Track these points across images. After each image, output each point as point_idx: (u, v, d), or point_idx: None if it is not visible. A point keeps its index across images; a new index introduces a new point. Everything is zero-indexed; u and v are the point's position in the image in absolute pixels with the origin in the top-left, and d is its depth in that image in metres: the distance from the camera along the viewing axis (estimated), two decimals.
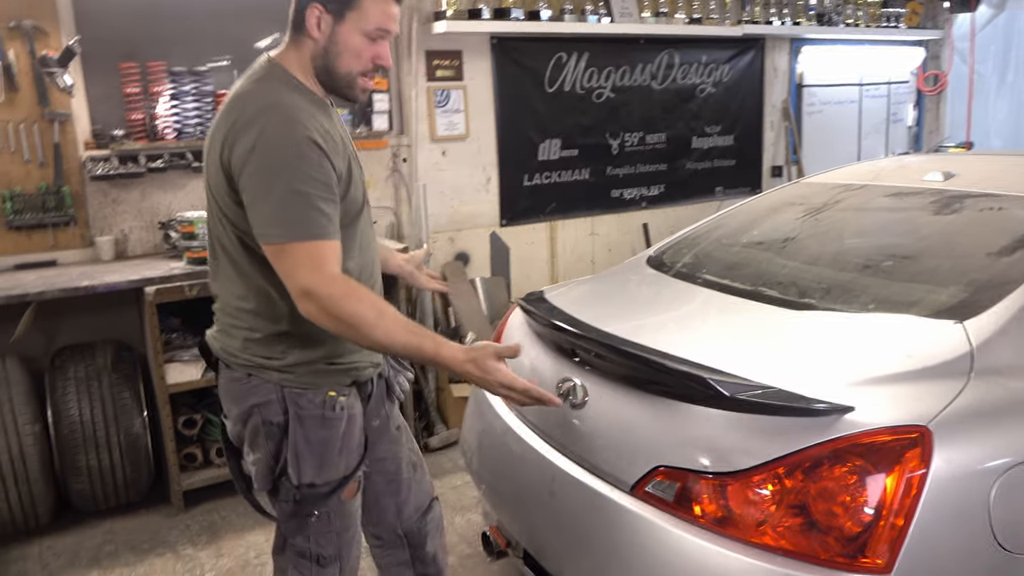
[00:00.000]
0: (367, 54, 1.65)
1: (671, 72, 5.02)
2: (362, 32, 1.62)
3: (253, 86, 1.63)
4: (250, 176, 1.53)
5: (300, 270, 1.52)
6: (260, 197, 1.53)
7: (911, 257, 2.22)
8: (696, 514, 1.67)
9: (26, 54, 3.26)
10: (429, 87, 4.22)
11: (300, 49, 1.65)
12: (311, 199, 1.52)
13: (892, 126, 6.30)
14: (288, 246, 1.52)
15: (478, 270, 4.54)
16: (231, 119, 1.57)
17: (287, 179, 1.51)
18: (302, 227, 1.52)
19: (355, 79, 1.67)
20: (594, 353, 2.00)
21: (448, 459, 3.79)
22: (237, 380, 1.73)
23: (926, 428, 1.54)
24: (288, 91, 1.61)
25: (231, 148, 1.55)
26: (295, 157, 1.52)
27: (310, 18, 1.62)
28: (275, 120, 1.53)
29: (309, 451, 1.73)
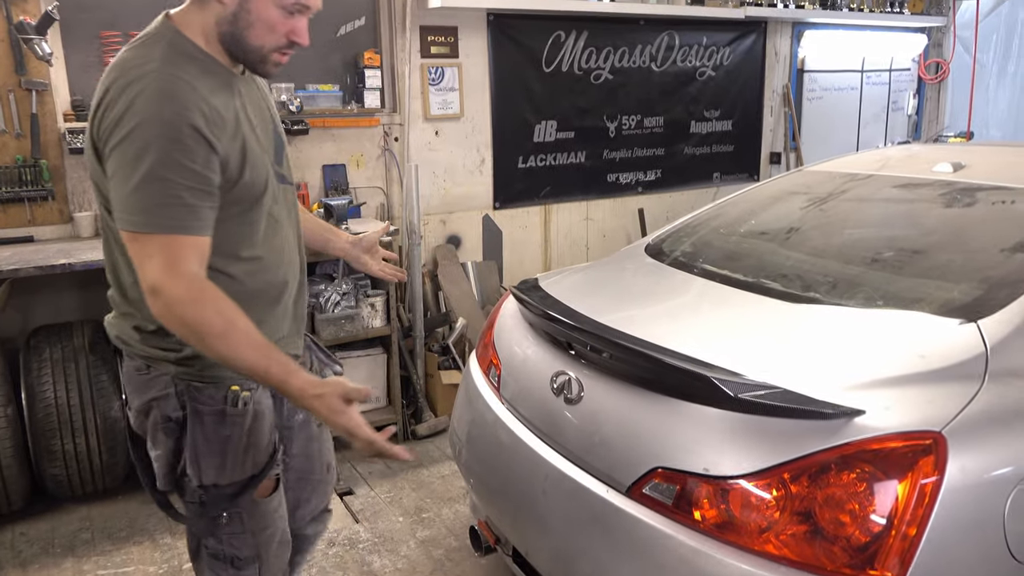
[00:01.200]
0: (282, 28, 1.48)
1: (671, 54, 4.91)
2: (278, 4, 1.45)
3: (136, 50, 1.44)
4: (113, 151, 1.37)
5: (150, 264, 1.37)
6: (121, 178, 1.37)
7: (921, 251, 2.14)
8: (696, 519, 1.60)
9: (2, 19, 3.12)
10: (423, 64, 4.09)
11: (204, 10, 1.46)
12: (175, 187, 1.36)
13: (892, 114, 6.21)
14: (142, 236, 1.37)
15: (470, 254, 4.44)
16: (104, 87, 1.41)
17: (151, 161, 1.34)
18: (159, 217, 1.36)
19: (268, 54, 1.50)
20: (590, 346, 1.91)
21: (436, 447, 3.71)
22: (136, 370, 1.60)
23: (940, 434, 1.47)
24: (175, 57, 1.42)
25: (100, 119, 1.40)
26: (164, 138, 1.35)
27: None
28: (149, 92, 1.36)
29: (208, 450, 1.59)
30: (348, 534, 2.99)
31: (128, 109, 1.36)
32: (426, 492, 3.30)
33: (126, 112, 1.36)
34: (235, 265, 1.57)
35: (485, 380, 2.40)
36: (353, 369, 3.70)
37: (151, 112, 1.36)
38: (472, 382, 2.44)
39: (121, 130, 1.36)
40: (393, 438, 1.62)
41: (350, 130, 3.97)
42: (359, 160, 4.03)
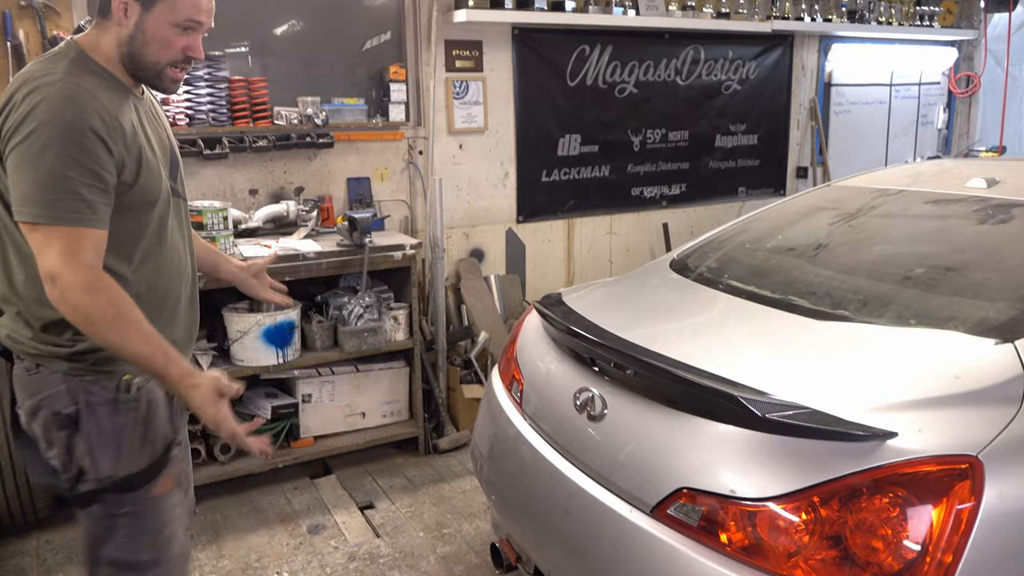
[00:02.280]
0: (177, 45, 1.60)
1: (696, 68, 4.88)
2: (171, 23, 1.57)
3: (41, 64, 1.56)
4: (16, 149, 1.46)
5: (48, 252, 1.46)
6: (23, 173, 1.46)
7: (954, 269, 2.09)
8: (722, 541, 1.56)
9: (36, 33, 3.18)
10: (448, 78, 4.11)
11: (105, 34, 1.60)
12: (73, 183, 1.46)
13: (921, 128, 6.12)
14: (42, 227, 1.47)
15: (493, 268, 4.43)
16: (9, 93, 1.52)
17: (52, 158, 1.45)
18: (59, 210, 1.46)
19: (163, 70, 1.62)
20: (614, 363, 1.89)
21: (457, 462, 3.69)
22: (26, 371, 1.63)
23: (976, 458, 1.42)
24: (77, 70, 1.54)
25: (3, 122, 1.49)
26: (65, 139, 1.46)
27: (116, 4, 1.56)
28: (52, 97, 1.47)
29: (102, 441, 1.61)
30: (369, 548, 2.97)
31: (31, 111, 1.46)
32: (447, 507, 3.27)
33: (29, 114, 1.46)
34: (125, 266, 1.64)
35: (507, 395, 2.38)
36: (375, 382, 3.70)
37: (53, 114, 1.46)
38: (494, 397, 2.43)
39: (24, 130, 1.46)
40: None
41: (375, 143, 3.99)
42: (383, 173, 4.05)
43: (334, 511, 3.23)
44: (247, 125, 3.62)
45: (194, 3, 1.59)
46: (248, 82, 3.62)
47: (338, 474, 3.56)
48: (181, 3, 1.57)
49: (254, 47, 3.71)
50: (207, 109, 3.56)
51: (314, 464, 3.60)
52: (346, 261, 3.43)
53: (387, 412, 3.76)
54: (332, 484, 3.47)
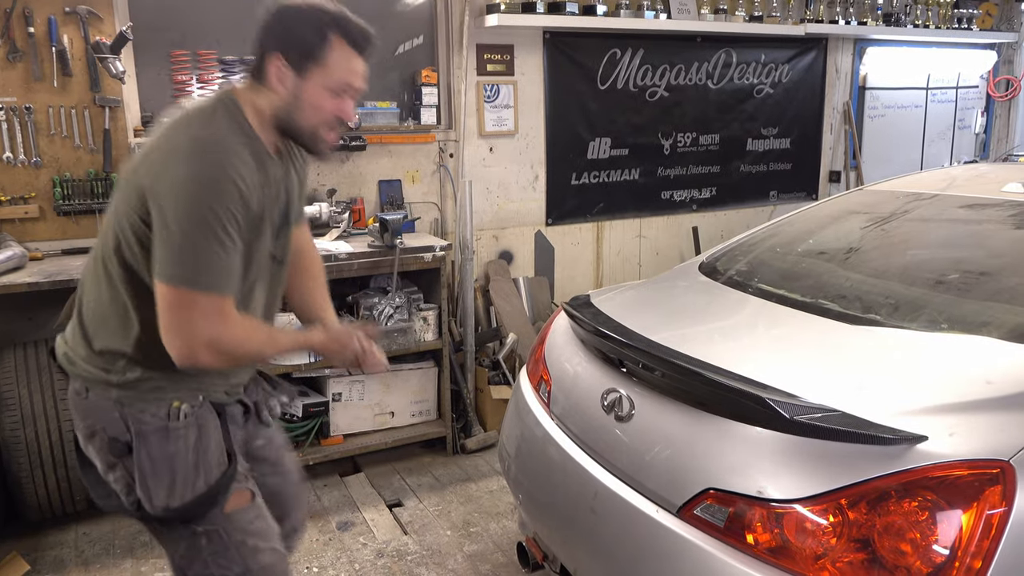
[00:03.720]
0: (330, 109, 1.58)
1: (728, 71, 4.86)
2: (326, 88, 1.56)
3: (200, 116, 1.55)
4: (168, 210, 1.45)
5: (205, 322, 1.48)
6: (177, 235, 1.45)
7: (989, 274, 2.07)
8: (748, 542, 1.56)
9: (80, 39, 3.27)
10: (479, 81, 4.14)
11: (258, 96, 1.59)
12: (225, 247, 1.47)
13: (958, 132, 6.03)
14: (190, 292, 1.46)
15: (521, 270, 4.45)
16: (164, 140, 1.52)
17: (207, 224, 1.44)
18: (211, 276, 1.47)
19: (318, 133, 1.61)
20: (643, 364, 1.90)
21: (484, 462, 3.71)
22: (77, 394, 1.65)
23: (1007, 463, 1.41)
24: (231, 130, 1.54)
25: (156, 173, 1.48)
26: (221, 205, 1.45)
27: (271, 70, 1.55)
28: (208, 159, 1.47)
29: (155, 470, 1.61)
30: (397, 545, 3.01)
31: (187, 170, 1.45)
32: (474, 506, 3.30)
33: (185, 174, 1.45)
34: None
35: (535, 395, 2.40)
36: (404, 382, 3.74)
37: (209, 178, 1.46)
38: (522, 397, 2.44)
39: (177, 190, 1.45)
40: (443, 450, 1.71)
41: (406, 146, 4.04)
42: (415, 176, 4.09)
43: (363, 508, 3.27)
44: None
45: (348, 68, 1.57)
46: None
47: (367, 472, 3.60)
48: (335, 69, 1.55)
49: None
50: None
51: (343, 462, 3.65)
52: (377, 262, 3.47)
53: (416, 412, 3.79)
54: (361, 482, 3.51)
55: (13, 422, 2.91)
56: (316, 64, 1.54)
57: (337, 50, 1.55)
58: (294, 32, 1.54)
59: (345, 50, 1.56)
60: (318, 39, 1.54)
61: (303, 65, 1.54)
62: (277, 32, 1.56)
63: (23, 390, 2.95)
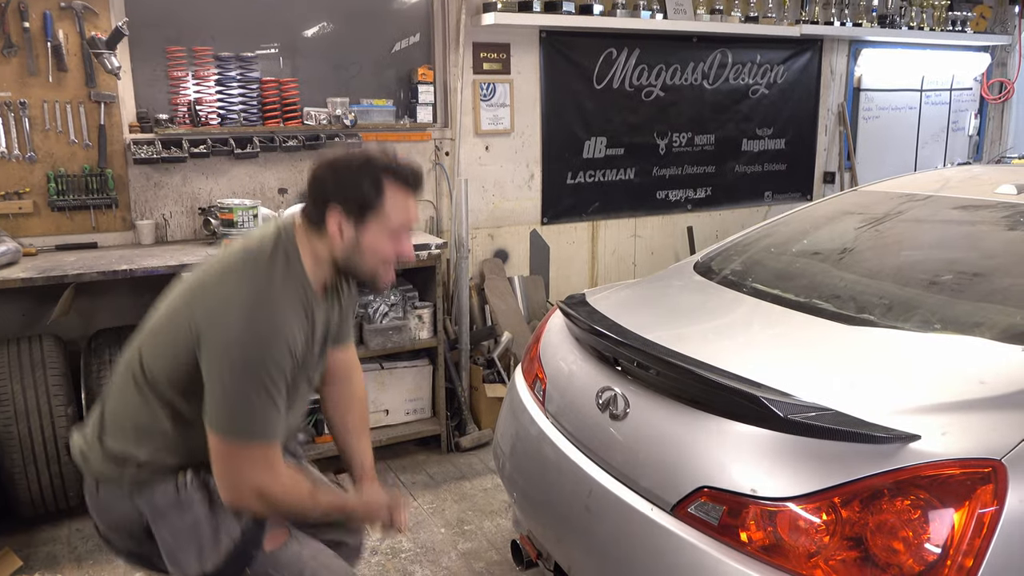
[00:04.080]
0: (391, 251, 1.65)
1: (723, 72, 4.87)
2: (385, 232, 1.62)
3: (259, 262, 1.59)
4: (223, 365, 1.51)
5: (253, 471, 1.55)
6: (231, 389, 1.51)
7: (982, 274, 2.08)
8: (742, 540, 1.57)
9: (75, 34, 3.26)
10: (475, 80, 4.14)
11: (318, 240, 1.63)
12: (274, 399, 1.53)
13: (952, 134, 6.05)
14: (240, 443, 1.54)
15: (516, 268, 4.46)
16: (224, 286, 1.57)
17: (260, 381, 1.50)
18: (259, 426, 1.53)
19: (378, 272, 1.68)
20: (638, 363, 1.90)
21: (479, 460, 3.72)
22: (89, 492, 1.71)
23: (999, 463, 1.42)
24: (285, 285, 1.58)
25: (211, 322, 1.53)
26: (274, 363, 1.51)
27: (331, 221, 1.60)
28: (262, 317, 1.52)
29: (178, 543, 1.66)
30: (391, 543, 3.01)
31: (249, 330, 1.50)
32: (468, 504, 3.30)
33: (236, 331, 1.50)
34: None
35: (530, 394, 2.40)
36: (399, 380, 3.74)
37: (259, 335, 1.51)
38: (517, 395, 2.45)
39: (240, 349, 1.50)
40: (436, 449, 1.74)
41: (402, 144, 4.04)
42: None
43: None
44: (277, 125, 3.68)
45: (404, 209, 1.63)
46: (279, 83, 3.69)
47: None
48: (393, 214, 1.61)
49: (285, 48, 3.77)
50: (239, 109, 3.63)
51: (338, 459, 3.63)
52: None
53: (410, 410, 3.80)
54: None
55: (6, 418, 2.90)
56: (374, 213, 1.60)
57: (392, 196, 1.60)
58: (351, 185, 1.59)
59: (399, 194, 1.62)
60: (374, 190, 1.59)
61: (362, 215, 1.59)
62: (334, 185, 1.59)
63: (16, 386, 2.94)
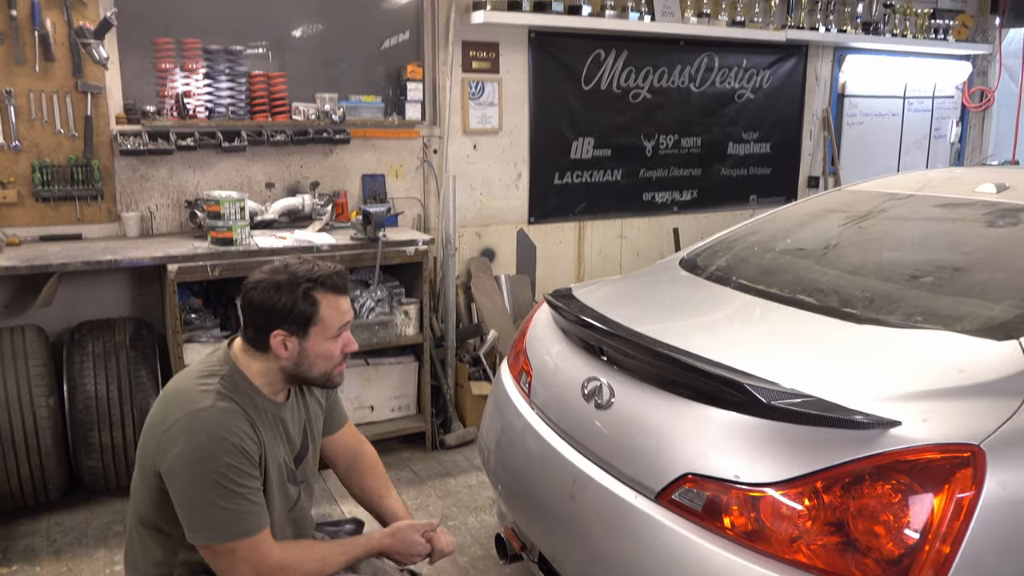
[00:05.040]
0: (336, 351, 1.74)
1: (710, 75, 4.91)
2: (327, 338, 1.71)
3: (191, 384, 1.67)
4: (180, 484, 1.60)
5: (244, 567, 1.61)
6: (194, 502, 1.59)
7: (962, 269, 2.11)
8: (725, 526, 1.58)
9: (63, 24, 3.24)
10: (464, 78, 4.15)
11: (261, 362, 1.72)
12: (242, 501, 1.60)
13: (934, 141, 6.13)
14: (230, 545, 1.60)
15: (503, 267, 4.47)
16: (166, 417, 1.63)
17: (217, 484, 1.58)
18: (238, 527, 1.60)
19: (331, 373, 1.77)
20: (623, 352, 1.92)
21: (463, 457, 3.72)
22: None
23: (978, 447, 1.44)
24: (227, 394, 1.65)
25: (163, 449, 1.61)
26: (223, 464, 1.58)
27: (275, 343, 1.68)
28: (204, 426, 1.60)
29: None
30: None
31: (191, 443, 1.58)
32: (452, 500, 3.30)
33: (187, 446, 1.58)
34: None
35: (516, 387, 2.41)
36: (384, 376, 3.73)
37: (207, 449, 1.59)
38: (503, 388, 2.46)
39: (188, 463, 1.59)
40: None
41: (390, 141, 4.04)
42: (398, 171, 4.09)
43: (341, 502, 3.26)
44: (265, 119, 3.67)
45: (338, 311, 1.72)
46: (268, 77, 3.68)
47: None
48: (329, 319, 1.70)
49: (274, 43, 3.76)
50: (227, 103, 3.62)
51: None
52: (359, 254, 3.47)
53: (395, 406, 3.79)
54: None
55: None
56: (313, 324, 1.69)
57: (326, 303, 1.70)
58: (284, 307, 1.67)
59: (331, 299, 1.71)
60: (309, 306, 1.68)
61: (304, 329, 1.69)
62: (268, 312, 1.67)
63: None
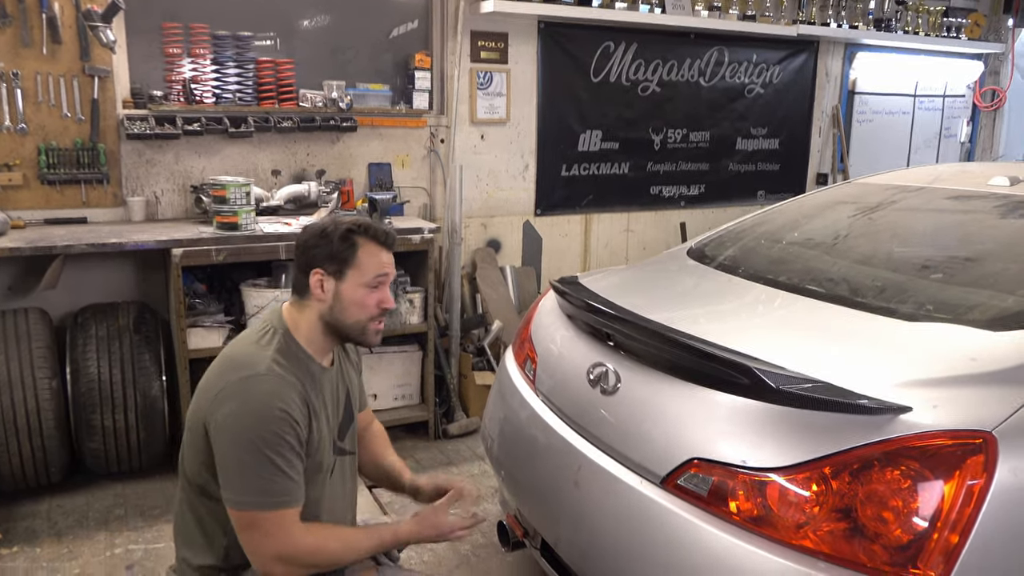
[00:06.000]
0: (371, 302, 1.75)
1: (720, 70, 4.88)
2: (363, 284, 1.73)
3: (249, 349, 1.69)
4: (225, 443, 1.60)
5: (269, 539, 1.61)
6: (232, 462, 1.60)
7: (974, 260, 2.09)
8: (731, 511, 1.56)
9: (71, 6, 3.23)
10: (472, 68, 4.13)
11: (307, 310, 1.74)
12: (280, 468, 1.60)
13: (944, 140, 6.09)
14: (256, 515, 1.60)
15: (509, 259, 4.45)
16: (221, 379, 1.64)
17: (259, 451, 1.58)
18: (270, 497, 1.60)
19: (366, 326, 1.76)
20: (630, 337, 1.90)
21: (466, 447, 3.70)
22: None
23: (990, 434, 1.42)
24: (281, 360, 1.67)
25: (214, 409, 1.62)
26: (269, 432, 1.59)
27: (313, 283, 1.72)
28: (258, 393, 1.61)
29: None
30: None
31: (240, 406, 1.60)
32: None
33: (238, 409, 1.60)
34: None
35: (520, 374, 2.39)
36: (388, 365, 3.72)
37: (259, 413, 1.60)
38: (507, 375, 2.44)
39: (233, 424, 1.59)
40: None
41: (397, 130, 4.02)
42: (404, 160, 4.08)
43: None
44: (272, 106, 3.66)
45: (378, 261, 1.74)
46: (275, 64, 3.67)
47: None
48: (367, 265, 1.72)
49: (282, 30, 3.75)
50: (234, 88, 3.61)
51: None
52: None
53: (399, 395, 3.78)
54: None
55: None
56: (351, 267, 1.72)
57: (365, 250, 1.73)
58: (325, 247, 1.71)
59: (372, 247, 1.74)
60: (347, 246, 1.71)
61: (340, 271, 1.71)
62: (311, 252, 1.72)
63: (0, 356, 2.91)
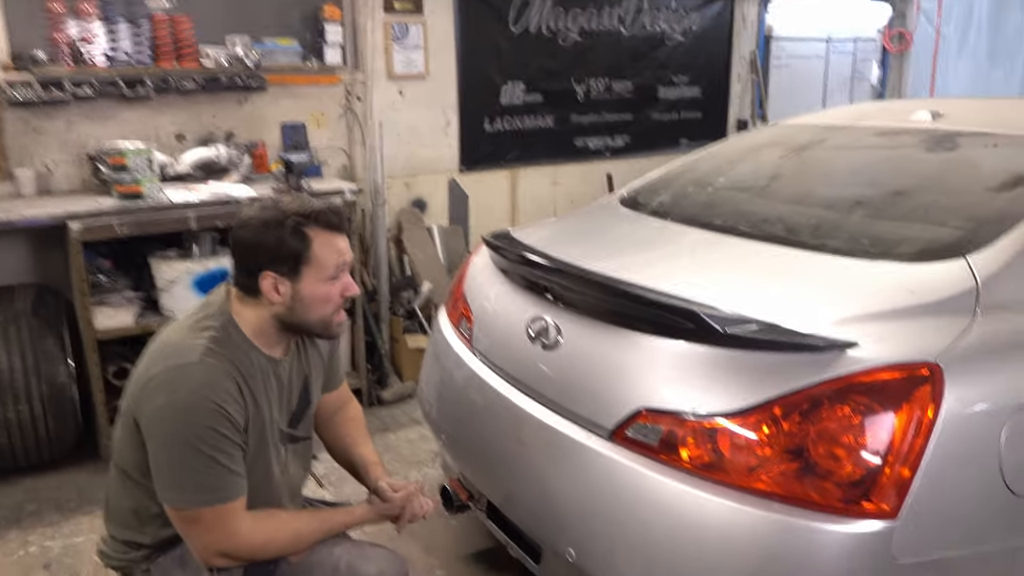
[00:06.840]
0: (335, 293, 1.60)
1: (640, 17, 4.82)
2: (323, 279, 1.57)
3: (182, 334, 1.56)
4: (156, 441, 1.49)
5: (210, 535, 1.50)
6: (165, 461, 1.49)
7: (904, 194, 2.09)
8: (682, 459, 1.53)
9: None
10: (386, 20, 3.94)
11: (259, 308, 1.58)
12: (218, 461, 1.48)
13: (856, 84, 6.21)
14: (193, 511, 1.49)
15: (435, 218, 4.32)
16: (152, 367, 1.52)
17: (193, 447, 1.46)
18: (207, 492, 1.48)
19: (330, 320, 1.62)
20: (570, 288, 1.83)
21: (402, 412, 3.61)
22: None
23: (935, 364, 1.42)
24: (215, 348, 1.52)
25: (144, 400, 1.50)
26: (202, 427, 1.47)
27: (266, 286, 1.55)
28: (187, 383, 1.47)
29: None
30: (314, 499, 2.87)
31: (170, 398, 1.46)
32: (393, 455, 3.20)
33: (168, 401, 1.47)
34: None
35: (456, 334, 2.30)
36: None
37: (190, 405, 1.46)
38: (442, 336, 2.35)
39: (166, 421, 1.47)
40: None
41: (310, 88, 3.82)
42: (320, 119, 3.88)
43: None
44: (171, 66, 3.40)
45: (335, 250, 1.57)
46: (171, 19, 3.40)
47: None
48: (324, 258, 1.55)
49: None
50: (128, 48, 3.33)
51: None
52: None
53: None
54: None
55: None
56: (306, 264, 1.55)
57: (319, 240, 1.55)
58: (273, 246, 1.53)
59: (325, 236, 1.56)
60: (299, 242, 1.53)
61: (295, 270, 1.55)
62: (256, 252, 1.54)
63: None
